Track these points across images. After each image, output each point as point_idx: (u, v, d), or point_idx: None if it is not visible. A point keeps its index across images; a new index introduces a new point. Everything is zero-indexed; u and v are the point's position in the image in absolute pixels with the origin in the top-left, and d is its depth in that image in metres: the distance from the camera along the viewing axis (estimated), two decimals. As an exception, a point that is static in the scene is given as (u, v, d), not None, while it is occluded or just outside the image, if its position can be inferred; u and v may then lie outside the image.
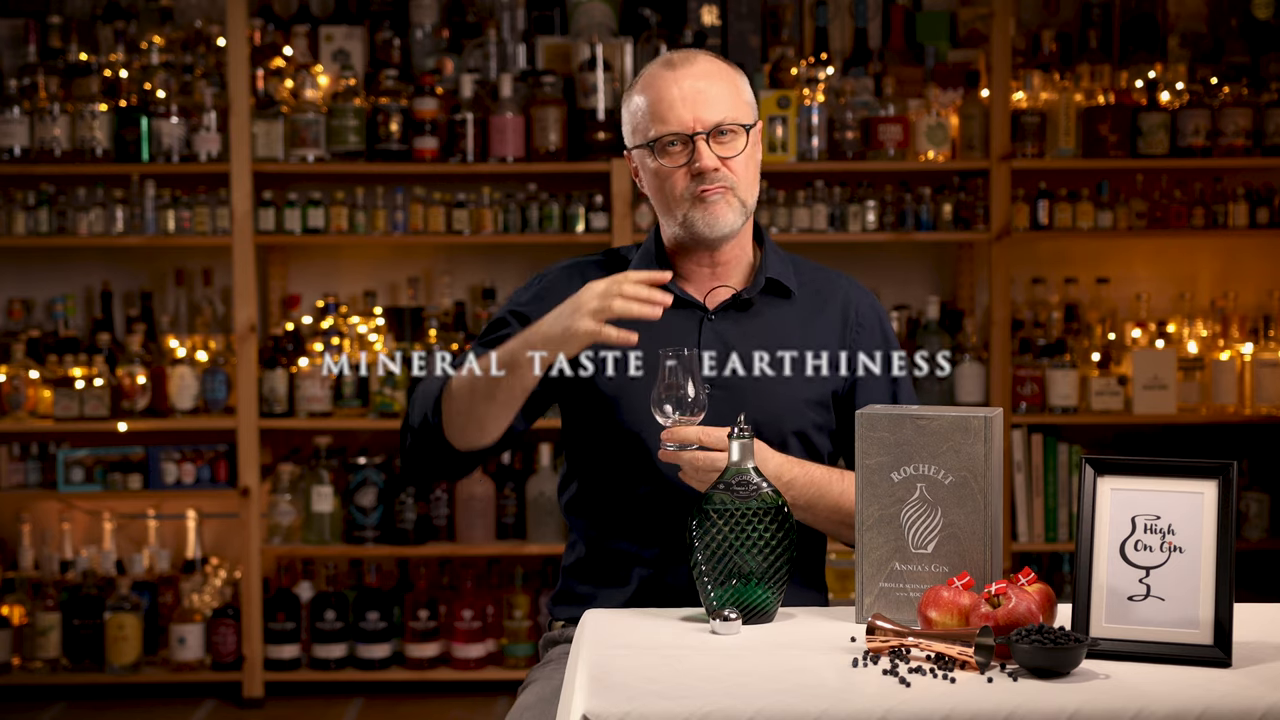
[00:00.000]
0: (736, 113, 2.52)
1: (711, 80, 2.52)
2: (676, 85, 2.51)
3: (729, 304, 2.58)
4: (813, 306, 2.61)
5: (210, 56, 4.98)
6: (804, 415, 2.55)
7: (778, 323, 2.58)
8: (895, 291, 5.14)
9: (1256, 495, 4.98)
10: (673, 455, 2.33)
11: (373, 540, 4.91)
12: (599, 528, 2.59)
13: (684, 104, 2.49)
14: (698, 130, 2.49)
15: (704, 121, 2.49)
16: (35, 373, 4.92)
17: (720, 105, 2.50)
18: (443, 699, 4.89)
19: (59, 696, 4.93)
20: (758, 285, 2.58)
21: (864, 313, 2.64)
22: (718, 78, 2.53)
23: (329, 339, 4.94)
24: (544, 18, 5.08)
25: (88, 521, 5.08)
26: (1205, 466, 2.02)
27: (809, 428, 2.56)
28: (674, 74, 2.52)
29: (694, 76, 2.51)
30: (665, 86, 2.51)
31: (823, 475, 2.49)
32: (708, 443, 2.32)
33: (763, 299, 2.59)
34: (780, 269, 2.61)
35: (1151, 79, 4.94)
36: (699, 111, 2.49)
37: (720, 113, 2.50)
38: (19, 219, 4.88)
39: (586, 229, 4.90)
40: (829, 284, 2.65)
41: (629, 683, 1.90)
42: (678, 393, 2.32)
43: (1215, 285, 5.15)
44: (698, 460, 2.31)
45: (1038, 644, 1.91)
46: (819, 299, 2.63)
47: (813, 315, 2.61)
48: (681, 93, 2.50)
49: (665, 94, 2.51)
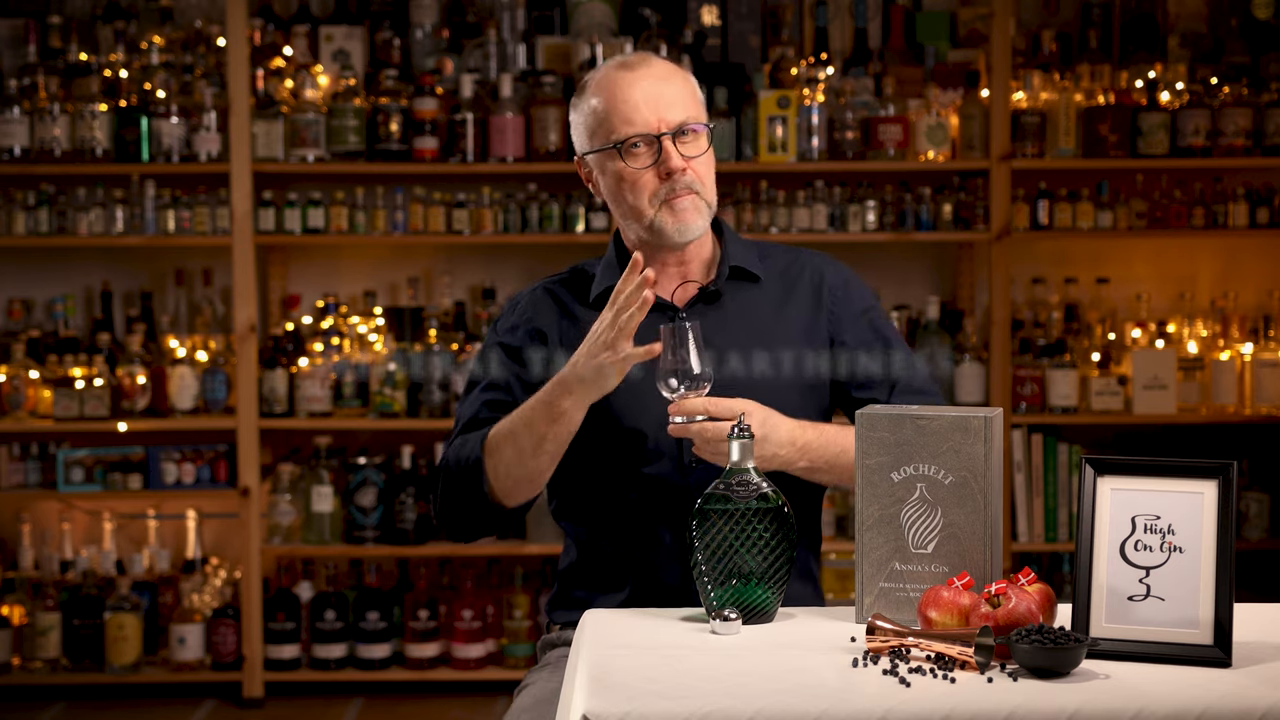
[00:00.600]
0: (697, 112, 2.51)
1: (670, 81, 2.51)
2: (637, 86, 2.49)
3: (697, 299, 2.56)
4: (782, 287, 2.60)
5: (210, 56, 4.98)
6: (793, 400, 2.52)
7: (749, 309, 2.57)
8: (895, 291, 5.14)
9: (1256, 495, 4.98)
10: (682, 428, 2.32)
11: (373, 540, 4.91)
12: (591, 532, 2.58)
13: (647, 105, 2.47)
14: (663, 130, 2.47)
15: (668, 122, 2.48)
16: (35, 373, 4.92)
17: (681, 105, 2.49)
18: (443, 699, 4.89)
19: (59, 696, 4.93)
20: (722, 275, 2.56)
21: (834, 283, 2.61)
22: (675, 78, 2.52)
23: (329, 339, 4.94)
24: (544, 18, 5.08)
25: (88, 521, 5.08)
26: (1205, 466, 2.02)
27: (797, 410, 2.51)
28: (632, 75, 2.50)
29: (653, 78, 2.50)
30: (625, 88, 2.49)
31: (837, 431, 2.48)
32: (716, 412, 2.31)
33: (730, 288, 2.57)
34: (743, 255, 2.59)
35: (1151, 79, 4.94)
36: (662, 112, 2.47)
37: (682, 112, 2.49)
38: (19, 219, 4.88)
39: (586, 229, 4.90)
40: (795, 262, 2.63)
41: (629, 683, 1.90)
42: (682, 366, 2.31)
43: (1215, 285, 5.15)
44: (707, 431, 2.31)
45: (1038, 644, 1.91)
46: (787, 279, 2.61)
47: (784, 296, 2.59)
48: (644, 94, 2.48)
49: (627, 96, 2.48)
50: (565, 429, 2.41)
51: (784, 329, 2.56)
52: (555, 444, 2.42)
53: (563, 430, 2.41)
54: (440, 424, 4.86)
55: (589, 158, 2.56)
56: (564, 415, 2.39)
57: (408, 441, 4.99)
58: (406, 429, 4.94)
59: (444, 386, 4.87)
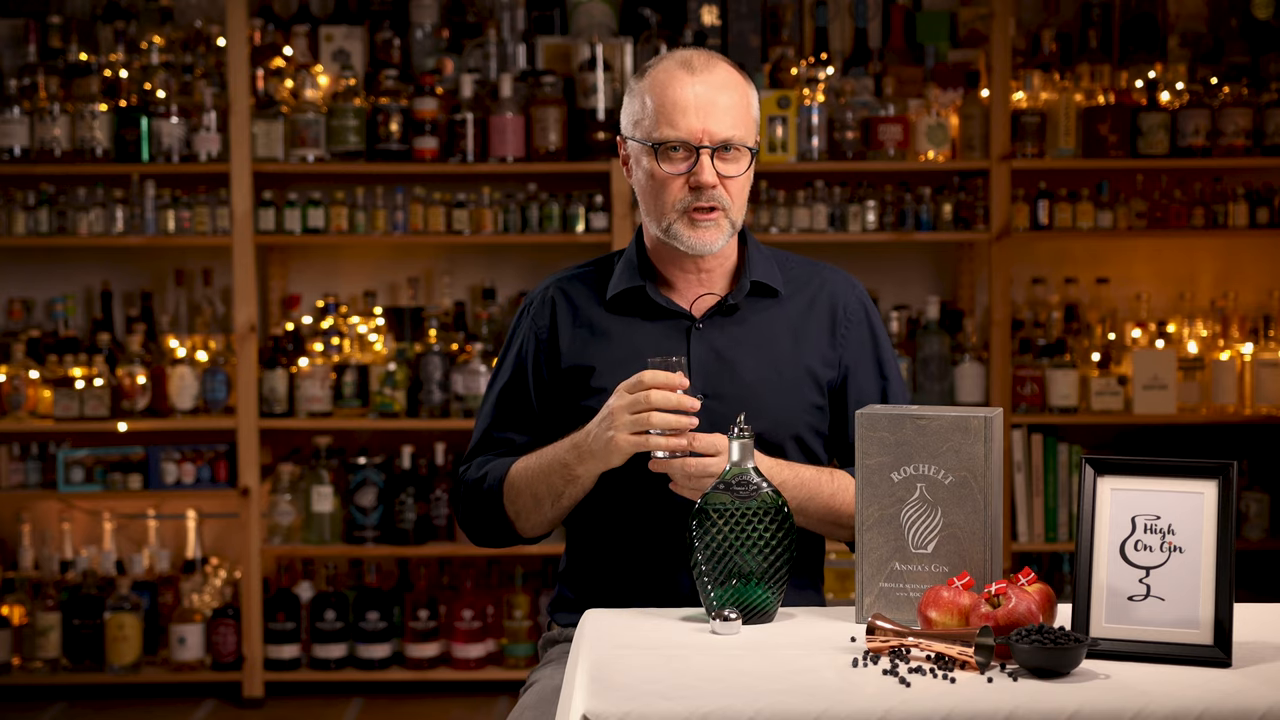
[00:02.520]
0: (745, 132, 2.45)
1: (728, 92, 2.44)
2: (691, 90, 2.43)
3: (715, 310, 2.53)
4: (801, 304, 2.57)
5: (210, 56, 4.98)
6: (800, 419, 2.52)
7: (766, 325, 2.54)
8: (895, 291, 5.14)
9: (1256, 495, 4.98)
10: (663, 464, 2.32)
11: (373, 540, 4.91)
12: (592, 533, 2.57)
13: (696, 113, 2.42)
14: (704, 143, 2.42)
15: (713, 135, 2.42)
16: (35, 373, 4.92)
17: (731, 121, 2.43)
18: (443, 699, 4.89)
19: (59, 696, 4.93)
20: (743, 290, 2.53)
21: (852, 309, 2.59)
22: (734, 91, 2.46)
23: (329, 339, 4.94)
24: (544, 18, 5.08)
25: (88, 521, 5.08)
26: (1205, 466, 2.02)
27: (806, 432, 2.53)
28: (691, 78, 2.44)
29: (711, 85, 2.44)
30: (680, 89, 2.43)
31: (812, 476, 2.47)
32: (698, 449, 2.30)
33: (749, 302, 2.54)
34: (765, 269, 2.56)
35: (1151, 79, 4.94)
36: (709, 123, 2.42)
37: (730, 129, 2.43)
38: (19, 219, 4.88)
39: (586, 229, 4.90)
40: (816, 279, 2.60)
41: (629, 683, 1.90)
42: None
43: (1215, 285, 5.15)
44: (689, 466, 2.30)
45: (1038, 644, 1.91)
46: (806, 296, 2.58)
47: (802, 314, 2.57)
48: (696, 99, 2.42)
49: (678, 97, 2.43)
50: (580, 489, 2.45)
51: (799, 348, 2.54)
52: (571, 500, 2.47)
53: (578, 490, 2.45)
54: (440, 424, 4.86)
55: (630, 142, 2.51)
56: (578, 479, 2.43)
57: (408, 441, 4.99)
58: (406, 429, 4.94)
59: (444, 386, 4.87)
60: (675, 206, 2.45)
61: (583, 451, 2.39)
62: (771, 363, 2.52)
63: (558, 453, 2.43)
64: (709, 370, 2.48)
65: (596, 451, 2.37)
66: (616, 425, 2.32)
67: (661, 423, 2.29)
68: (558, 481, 2.44)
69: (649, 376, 2.30)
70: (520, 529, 2.54)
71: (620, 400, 2.33)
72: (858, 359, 2.58)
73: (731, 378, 2.49)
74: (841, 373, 2.57)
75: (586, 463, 2.39)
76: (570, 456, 2.41)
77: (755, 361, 2.51)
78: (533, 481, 2.47)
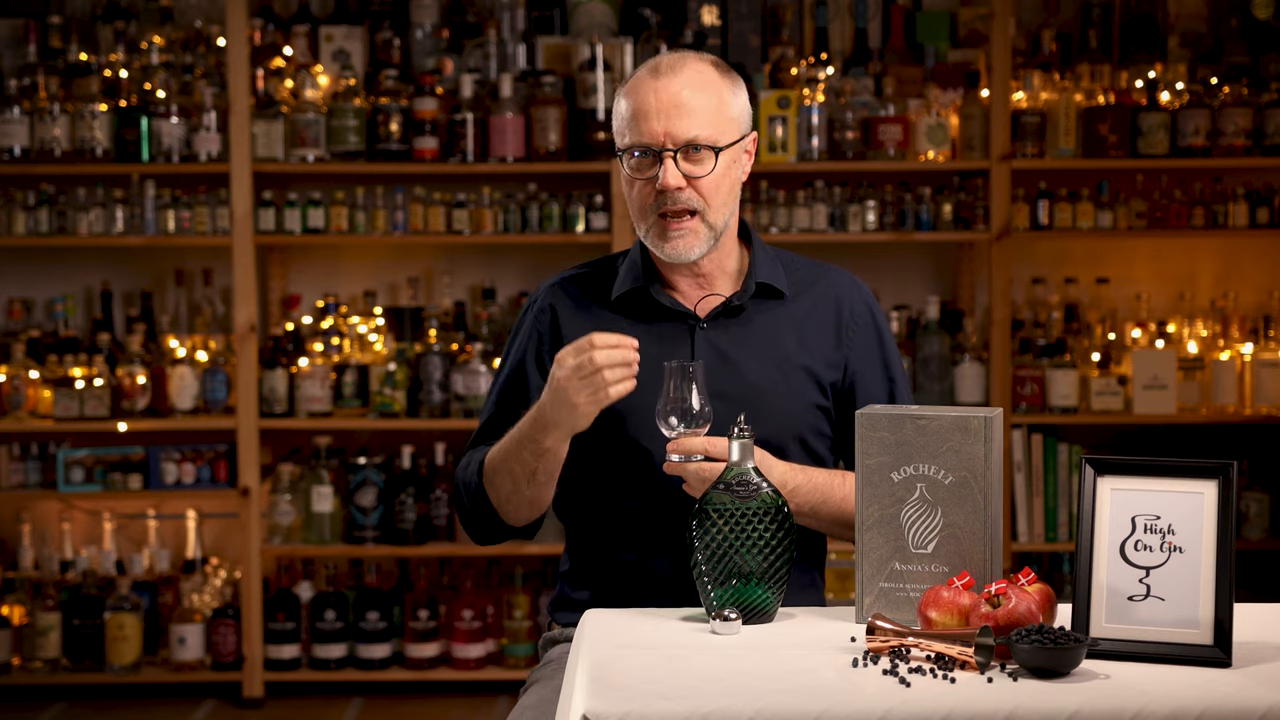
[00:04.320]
0: (715, 129, 2.43)
1: (694, 91, 2.43)
2: (655, 95, 2.42)
3: (719, 310, 2.53)
4: (806, 306, 2.57)
5: (210, 56, 4.98)
6: (804, 421, 2.53)
7: (771, 326, 2.54)
8: (895, 291, 5.14)
9: (1256, 495, 4.98)
10: (678, 467, 2.32)
11: (373, 540, 4.91)
12: (593, 536, 2.57)
13: (658, 116, 2.41)
14: (666, 146, 2.41)
15: (674, 137, 2.41)
16: (35, 373, 4.92)
17: (696, 121, 2.42)
18: (443, 699, 4.89)
19: (59, 696, 4.93)
20: (748, 291, 2.53)
21: (858, 311, 2.59)
22: (702, 90, 2.44)
23: (329, 339, 4.94)
24: (544, 18, 5.08)
25: (88, 521, 5.08)
26: (1205, 466, 2.02)
27: (809, 433, 2.53)
28: (656, 82, 2.43)
29: (675, 87, 2.42)
30: (645, 94, 2.43)
31: (825, 480, 2.47)
32: (713, 453, 2.30)
33: (754, 303, 2.54)
34: (770, 270, 2.56)
35: (1151, 79, 4.94)
36: (671, 126, 2.41)
37: (695, 129, 2.41)
38: (19, 219, 4.88)
39: (586, 229, 4.90)
40: (821, 280, 2.60)
41: (629, 683, 1.90)
42: (682, 404, 2.31)
43: (1215, 285, 5.15)
44: (704, 471, 2.29)
45: (1038, 644, 1.91)
46: (811, 297, 2.58)
47: (807, 315, 2.56)
48: (658, 103, 2.42)
49: (643, 102, 2.43)
50: (553, 461, 2.42)
51: (803, 349, 2.54)
52: (546, 474, 2.44)
53: (550, 462, 2.42)
54: (440, 424, 4.86)
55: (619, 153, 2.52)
56: (548, 451, 2.40)
57: (408, 441, 4.99)
58: (406, 429, 4.94)
59: (444, 386, 4.87)
60: (647, 213, 2.46)
61: (546, 422, 2.37)
62: (776, 364, 2.52)
63: (524, 430, 2.42)
64: (713, 371, 2.47)
65: (560, 420, 2.35)
66: (569, 389, 2.31)
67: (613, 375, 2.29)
68: (530, 459, 2.41)
69: (598, 338, 2.31)
70: (505, 515, 2.51)
71: (561, 371, 2.32)
72: (865, 362, 2.58)
73: (736, 378, 2.49)
74: (847, 375, 2.57)
75: (551, 432, 2.37)
76: (535, 430, 2.39)
77: (759, 362, 2.51)
78: (507, 463, 2.45)
